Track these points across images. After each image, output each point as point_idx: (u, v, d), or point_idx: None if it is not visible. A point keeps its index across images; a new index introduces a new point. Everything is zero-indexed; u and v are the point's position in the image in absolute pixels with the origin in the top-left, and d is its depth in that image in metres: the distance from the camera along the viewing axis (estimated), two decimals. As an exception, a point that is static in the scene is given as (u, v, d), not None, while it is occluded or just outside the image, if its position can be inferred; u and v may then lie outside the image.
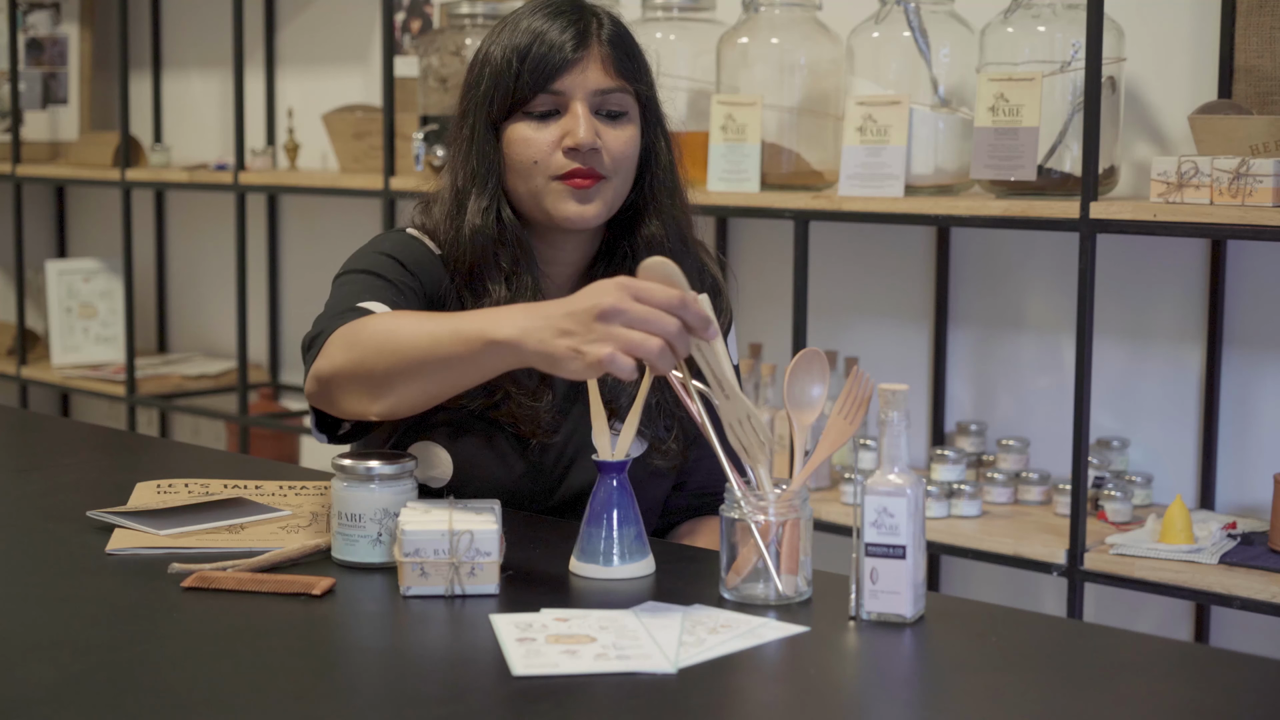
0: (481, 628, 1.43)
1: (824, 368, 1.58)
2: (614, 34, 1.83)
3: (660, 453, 1.86)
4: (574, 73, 1.80)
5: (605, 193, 1.81)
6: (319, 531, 1.73)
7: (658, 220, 1.86)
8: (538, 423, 1.81)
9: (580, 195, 1.80)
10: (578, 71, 1.80)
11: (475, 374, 1.56)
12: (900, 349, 3.08)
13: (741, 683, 1.34)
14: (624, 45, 1.84)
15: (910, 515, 1.44)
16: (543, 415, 1.82)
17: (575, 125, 1.79)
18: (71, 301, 4.35)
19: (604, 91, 1.81)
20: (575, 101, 1.80)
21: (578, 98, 1.80)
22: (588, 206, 1.80)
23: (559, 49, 1.79)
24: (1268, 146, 2.39)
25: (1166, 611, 2.77)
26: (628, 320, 1.43)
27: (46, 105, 4.49)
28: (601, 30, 1.82)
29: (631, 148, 1.83)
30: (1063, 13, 2.60)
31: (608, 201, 1.82)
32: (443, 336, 1.55)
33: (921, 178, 2.71)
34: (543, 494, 1.84)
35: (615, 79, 1.81)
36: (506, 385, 1.80)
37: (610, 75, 1.81)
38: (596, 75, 1.80)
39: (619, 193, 1.84)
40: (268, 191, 3.84)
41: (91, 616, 1.48)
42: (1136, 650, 1.46)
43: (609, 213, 1.83)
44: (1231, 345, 2.70)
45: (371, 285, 1.78)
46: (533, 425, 1.82)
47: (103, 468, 1.98)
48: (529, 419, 1.81)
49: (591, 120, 1.80)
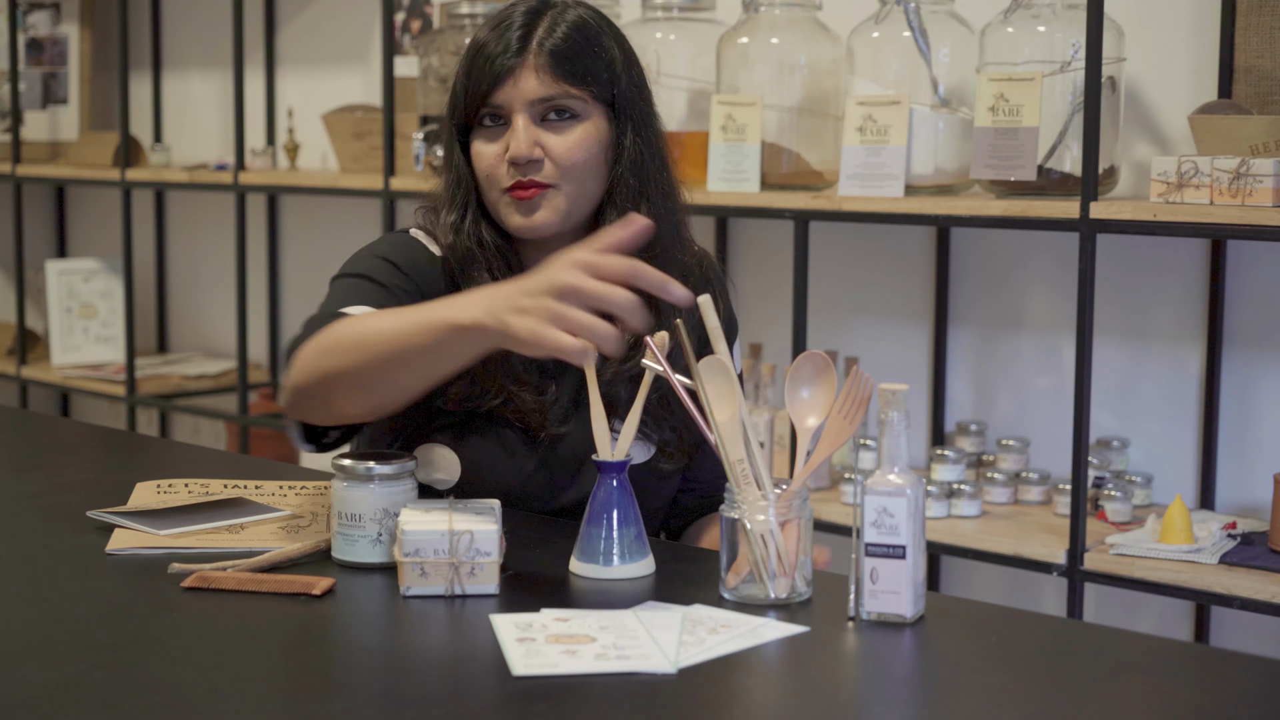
0: (481, 628, 1.43)
1: (828, 371, 1.57)
2: (564, 36, 1.80)
3: (666, 456, 1.86)
4: (509, 85, 1.79)
5: (554, 200, 1.81)
6: (319, 531, 1.73)
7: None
8: (545, 415, 1.81)
9: (523, 207, 1.81)
10: (511, 83, 1.79)
11: (448, 362, 1.56)
12: (900, 349, 3.07)
13: (741, 683, 1.34)
14: (572, 48, 1.80)
15: (910, 515, 1.44)
16: (549, 408, 1.82)
17: (514, 137, 1.79)
18: (71, 301, 4.35)
19: (544, 99, 1.80)
20: (515, 113, 1.80)
21: (517, 109, 1.80)
22: (534, 216, 1.80)
23: (493, 61, 1.79)
24: (1268, 146, 2.39)
25: (1166, 611, 2.77)
26: (583, 299, 1.43)
27: (46, 105, 4.49)
28: (550, 36, 1.80)
29: (581, 151, 1.80)
30: (1063, 13, 2.59)
31: (559, 209, 1.81)
32: (410, 329, 1.55)
33: (921, 178, 2.71)
34: (553, 492, 1.84)
35: (555, 84, 1.79)
36: (509, 385, 1.80)
37: (548, 82, 1.79)
38: (531, 84, 1.79)
39: (575, 197, 1.82)
40: (268, 191, 3.84)
41: (91, 616, 1.48)
42: (1136, 650, 1.46)
43: (564, 220, 1.82)
44: (1231, 345, 2.70)
45: (360, 289, 1.78)
46: (540, 419, 1.81)
47: (103, 468, 1.98)
48: (535, 413, 1.81)
49: (532, 131, 1.79)
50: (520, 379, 1.80)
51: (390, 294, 1.78)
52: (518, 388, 1.80)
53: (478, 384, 1.80)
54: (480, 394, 1.80)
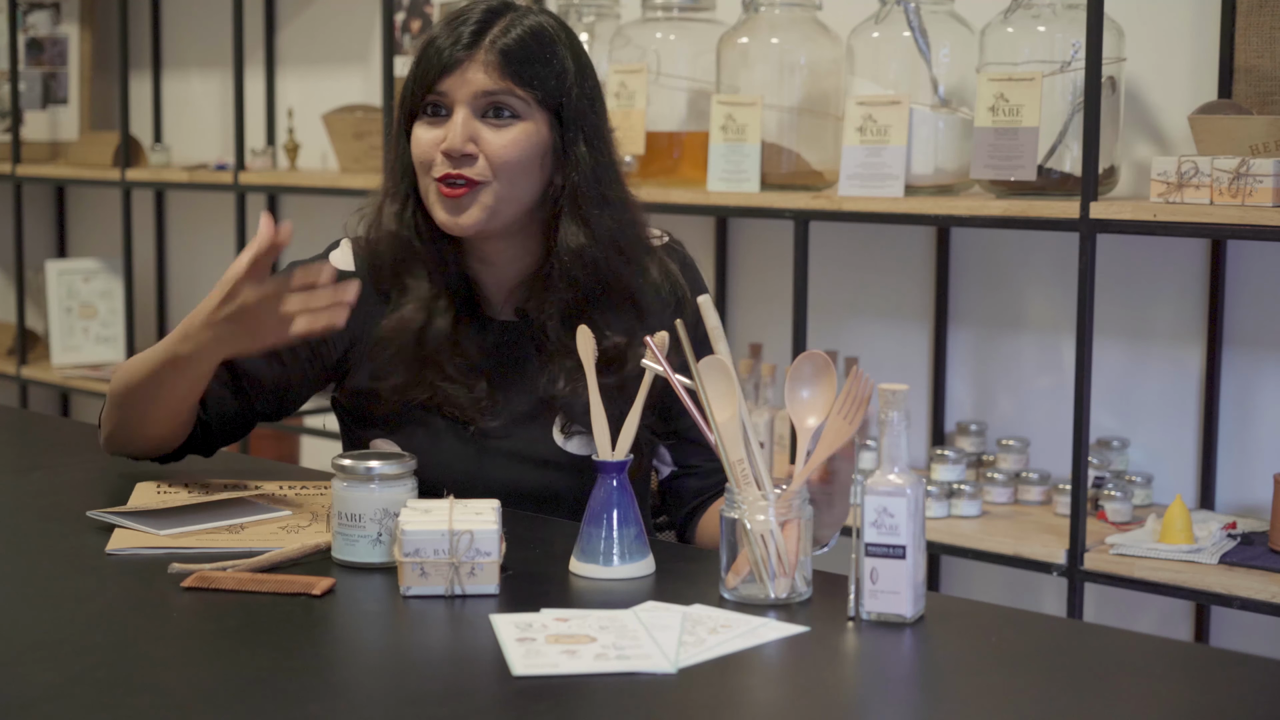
0: (481, 628, 1.43)
1: (828, 371, 1.57)
2: (517, 39, 1.83)
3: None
4: (456, 75, 1.82)
5: (482, 198, 1.83)
6: (319, 531, 1.73)
7: (582, 227, 1.86)
8: (475, 410, 1.86)
9: (450, 205, 1.84)
10: (459, 74, 1.82)
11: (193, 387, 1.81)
12: (900, 349, 3.07)
13: (741, 683, 1.34)
14: (524, 50, 1.83)
15: (910, 515, 1.44)
16: (479, 403, 1.86)
17: (452, 128, 1.82)
18: (71, 301, 4.35)
19: (487, 94, 1.82)
20: (457, 104, 1.83)
21: (459, 100, 1.83)
22: (460, 215, 1.83)
23: (442, 53, 1.83)
24: (1268, 146, 2.39)
25: (1166, 611, 2.77)
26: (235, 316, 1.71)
27: (46, 105, 4.49)
28: (505, 35, 1.82)
29: (516, 150, 1.82)
30: (1063, 13, 2.59)
31: (487, 207, 1.83)
32: (155, 365, 1.78)
33: (921, 178, 2.71)
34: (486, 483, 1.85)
35: (500, 81, 1.82)
36: (437, 380, 1.86)
37: (495, 78, 1.82)
38: (478, 78, 1.82)
39: (503, 197, 1.84)
40: (268, 191, 3.84)
41: (91, 616, 1.48)
42: (1136, 650, 1.46)
43: (492, 219, 1.84)
44: (1231, 345, 2.70)
45: None
46: (471, 413, 1.86)
47: (103, 468, 1.98)
48: (466, 408, 1.86)
49: (471, 124, 1.82)
50: (450, 376, 1.86)
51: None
52: (447, 384, 1.86)
53: (408, 382, 1.86)
54: (411, 389, 1.86)
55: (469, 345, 1.88)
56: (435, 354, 1.86)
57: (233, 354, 1.79)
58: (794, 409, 1.57)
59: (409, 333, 1.86)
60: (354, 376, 1.91)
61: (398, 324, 1.87)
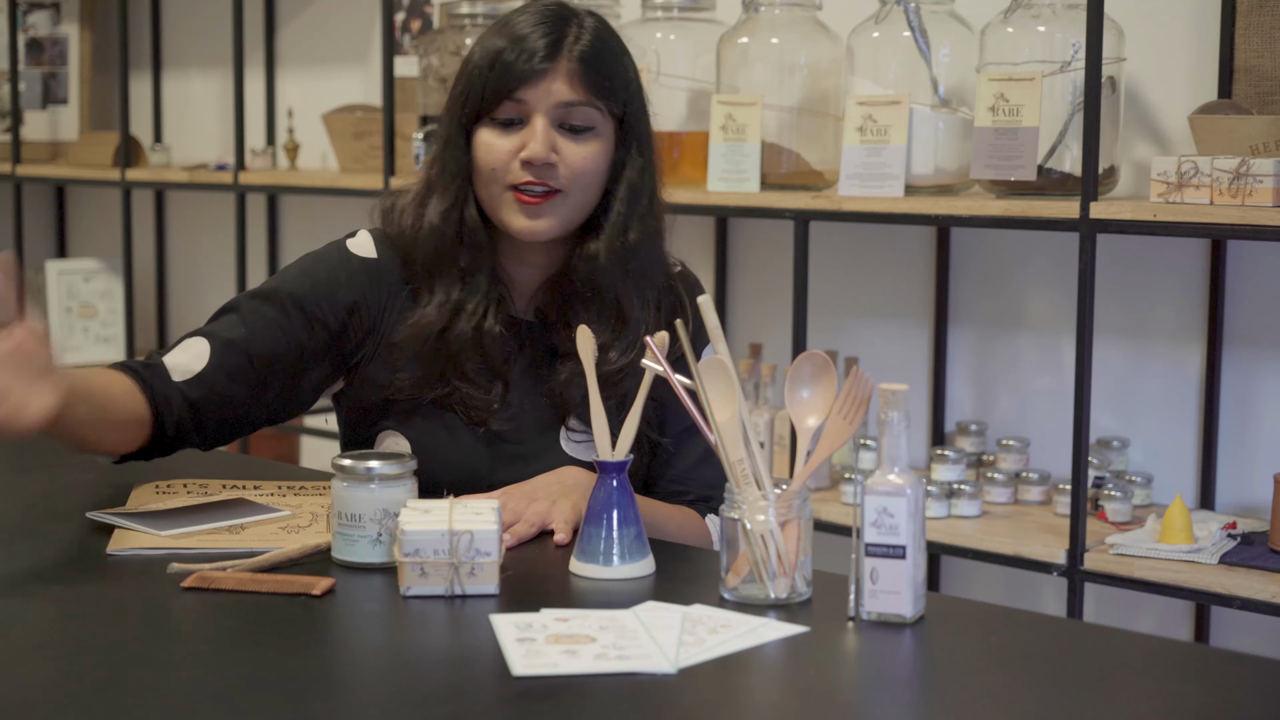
0: (481, 628, 1.43)
1: (828, 371, 1.57)
2: (591, 48, 1.84)
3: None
4: (539, 84, 1.82)
5: (559, 208, 1.84)
6: (319, 531, 1.73)
7: (603, 241, 1.87)
8: (488, 412, 1.87)
9: (529, 210, 1.84)
10: (543, 83, 1.82)
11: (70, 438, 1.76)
12: (900, 349, 3.07)
13: (741, 683, 1.34)
14: (599, 60, 1.84)
15: (910, 515, 1.44)
16: (494, 404, 1.87)
17: (532, 137, 1.81)
18: (71, 301, 4.35)
19: (568, 105, 1.82)
20: (536, 113, 1.82)
21: (540, 110, 1.82)
22: (538, 222, 1.84)
23: (526, 59, 1.82)
24: (1268, 146, 2.39)
25: (1166, 611, 2.77)
26: None
27: (46, 105, 4.49)
28: (578, 43, 1.83)
29: (592, 163, 1.84)
30: (1063, 13, 2.59)
31: (561, 216, 1.84)
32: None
33: (921, 178, 2.71)
34: (496, 484, 1.85)
35: (581, 93, 1.83)
36: (455, 379, 1.86)
37: (576, 89, 1.82)
38: (561, 88, 1.82)
39: (576, 206, 1.86)
40: (268, 191, 3.84)
41: (91, 616, 1.48)
42: (1136, 650, 1.46)
43: (564, 227, 1.86)
44: (1231, 345, 2.70)
45: (217, 326, 1.90)
46: (483, 415, 1.87)
47: (103, 468, 1.97)
48: (479, 409, 1.86)
49: (550, 133, 1.82)
50: (468, 376, 1.86)
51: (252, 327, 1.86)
52: (464, 384, 1.86)
53: (428, 376, 1.86)
54: (429, 385, 1.86)
55: (491, 345, 1.88)
56: (458, 353, 1.86)
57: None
58: (794, 409, 1.57)
59: (434, 330, 1.86)
60: (369, 366, 1.91)
61: (425, 321, 1.87)
